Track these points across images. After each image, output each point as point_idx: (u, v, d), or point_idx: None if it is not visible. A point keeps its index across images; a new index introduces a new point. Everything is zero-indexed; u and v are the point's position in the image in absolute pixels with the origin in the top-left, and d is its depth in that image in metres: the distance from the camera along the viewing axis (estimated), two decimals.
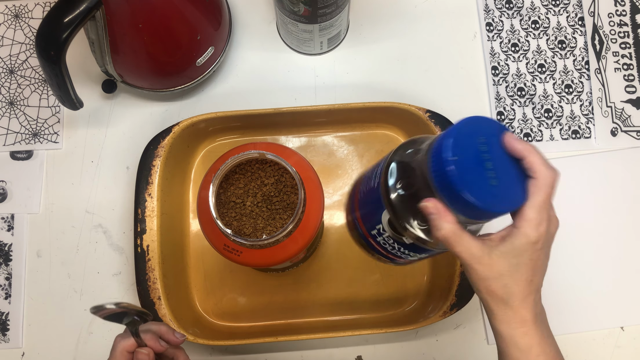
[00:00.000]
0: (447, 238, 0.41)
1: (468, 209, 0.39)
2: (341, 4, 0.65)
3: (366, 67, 0.75)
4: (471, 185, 0.38)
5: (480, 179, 0.39)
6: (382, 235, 0.47)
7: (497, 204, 0.39)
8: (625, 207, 0.72)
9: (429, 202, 0.40)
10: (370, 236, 0.49)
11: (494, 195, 0.39)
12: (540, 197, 0.40)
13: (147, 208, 0.65)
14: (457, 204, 0.39)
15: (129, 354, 0.50)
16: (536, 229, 0.41)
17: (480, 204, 0.38)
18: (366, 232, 0.49)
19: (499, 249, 0.41)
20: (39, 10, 0.77)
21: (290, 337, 0.63)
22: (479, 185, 0.38)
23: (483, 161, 0.39)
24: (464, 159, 0.38)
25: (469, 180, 0.38)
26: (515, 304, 0.42)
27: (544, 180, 0.40)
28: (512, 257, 0.41)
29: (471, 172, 0.38)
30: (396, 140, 0.72)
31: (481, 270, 0.42)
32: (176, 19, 0.63)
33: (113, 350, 0.50)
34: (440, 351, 0.68)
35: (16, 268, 0.70)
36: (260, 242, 0.52)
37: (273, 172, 0.55)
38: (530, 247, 0.41)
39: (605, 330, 0.69)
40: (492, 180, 0.39)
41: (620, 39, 0.76)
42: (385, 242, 0.48)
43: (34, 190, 0.72)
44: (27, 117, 0.74)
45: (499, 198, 0.39)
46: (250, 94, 0.74)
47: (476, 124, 0.40)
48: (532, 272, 0.42)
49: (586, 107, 0.74)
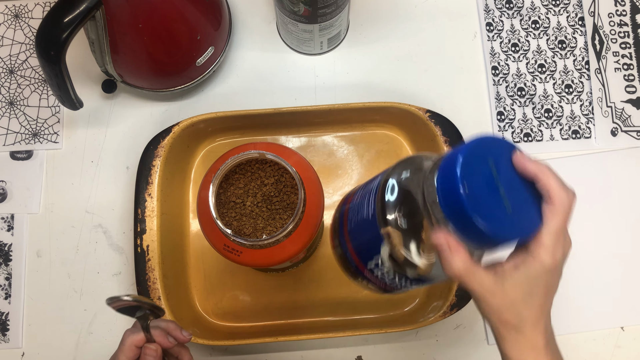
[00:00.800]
0: (460, 275, 0.38)
1: (479, 238, 0.36)
2: (341, 4, 0.65)
3: (366, 67, 0.75)
4: (484, 212, 0.35)
5: (493, 205, 0.36)
6: (380, 269, 0.43)
7: (511, 232, 0.36)
8: (625, 207, 0.72)
9: (440, 236, 0.37)
10: (366, 270, 0.44)
11: (507, 222, 0.36)
12: (557, 223, 0.38)
13: (147, 208, 0.65)
14: (468, 232, 0.36)
15: (137, 348, 0.50)
16: (552, 255, 0.38)
17: (493, 232, 0.35)
18: (361, 266, 0.45)
19: (513, 279, 0.39)
20: (39, 10, 0.76)
21: (290, 337, 0.63)
22: (491, 211, 0.35)
23: (495, 185, 0.36)
24: (475, 187, 0.35)
25: (481, 206, 0.35)
26: (527, 329, 0.40)
27: (560, 205, 0.38)
28: (527, 286, 0.39)
29: (483, 198, 0.35)
30: (396, 140, 0.72)
31: (494, 302, 0.40)
32: (176, 19, 0.63)
33: (121, 344, 0.50)
34: (440, 351, 0.68)
35: (16, 268, 0.70)
36: (260, 242, 0.52)
37: (273, 172, 0.55)
38: (545, 274, 0.39)
39: (605, 330, 0.69)
40: (507, 207, 0.36)
41: (620, 39, 0.76)
42: (384, 276, 0.44)
43: (34, 190, 0.72)
44: (27, 117, 0.74)
45: (512, 225, 0.36)
46: (250, 94, 0.74)
47: (485, 143, 0.37)
48: (545, 297, 0.40)
49: (586, 107, 0.74)
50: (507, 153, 0.38)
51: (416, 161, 0.42)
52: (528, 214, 0.38)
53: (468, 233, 0.36)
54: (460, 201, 0.34)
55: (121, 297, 0.46)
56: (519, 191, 0.38)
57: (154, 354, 0.49)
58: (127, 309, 0.48)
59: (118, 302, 0.47)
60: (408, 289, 0.45)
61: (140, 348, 0.50)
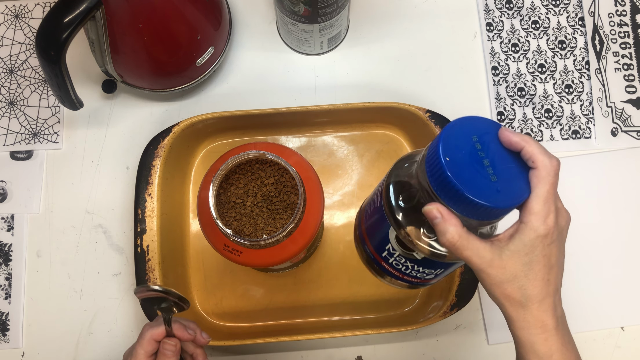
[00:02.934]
0: (453, 242, 0.39)
1: (471, 208, 0.38)
2: (341, 4, 0.65)
3: (366, 67, 0.75)
4: (469, 182, 0.37)
5: (478, 176, 0.38)
6: (393, 256, 0.46)
7: (500, 199, 0.38)
8: (625, 207, 0.72)
9: (431, 207, 0.39)
10: (381, 259, 0.48)
11: (495, 191, 0.38)
12: (544, 188, 0.39)
13: (147, 208, 0.65)
14: (459, 204, 0.38)
15: (156, 342, 0.50)
16: (544, 221, 0.39)
17: (481, 200, 0.37)
18: (377, 256, 0.48)
19: (509, 248, 0.40)
20: (39, 10, 0.76)
21: (290, 337, 0.63)
22: (477, 182, 0.38)
23: (479, 158, 0.39)
24: (458, 158, 0.38)
25: (465, 178, 0.37)
26: (533, 307, 0.40)
27: (545, 170, 0.39)
28: (524, 255, 0.40)
29: (467, 170, 0.38)
30: (396, 140, 0.72)
31: (494, 274, 0.40)
32: (176, 19, 0.63)
33: (140, 338, 0.50)
34: (440, 351, 0.68)
35: (16, 268, 0.70)
36: (260, 242, 0.52)
37: (273, 172, 0.55)
38: (540, 241, 0.39)
39: (605, 330, 0.69)
40: (491, 176, 0.38)
41: (620, 39, 0.76)
42: (398, 263, 0.47)
43: (34, 190, 0.72)
44: (27, 117, 0.74)
45: (501, 193, 0.38)
46: (250, 94, 0.74)
47: (468, 123, 0.40)
48: (547, 270, 0.40)
49: (586, 107, 0.74)
50: (494, 131, 0.41)
51: (412, 154, 0.45)
52: (518, 183, 0.40)
53: (461, 206, 0.38)
54: (442, 170, 0.37)
55: (151, 287, 0.47)
56: (508, 164, 0.40)
57: (173, 348, 0.49)
58: (151, 300, 0.49)
59: (147, 292, 0.47)
60: (424, 276, 0.47)
61: (158, 342, 0.50)
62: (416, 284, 0.50)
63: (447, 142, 0.38)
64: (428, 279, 0.48)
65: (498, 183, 0.38)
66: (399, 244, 0.45)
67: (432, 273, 0.47)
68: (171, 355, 0.49)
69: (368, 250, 0.50)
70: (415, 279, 0.48)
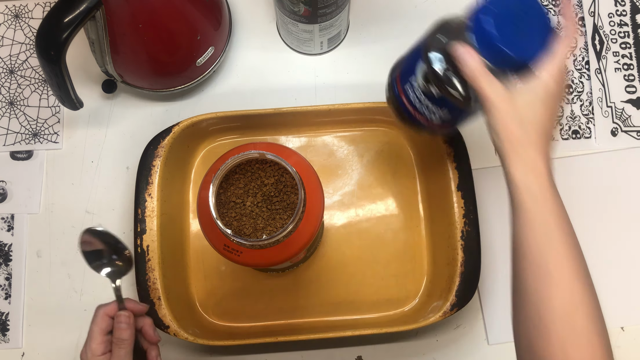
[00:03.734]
0: (472, 72, 0.44)
1: (495, 53, 0.44)
2: (341, 4, 0.65)
3: (366, 67, 0.75)
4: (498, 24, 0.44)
5: (508, 22, 0.44)
6: (413, 88, 0.53)
7: (522, 48, 0.44)
8: (625, 207, 0.72)
9: (458, 46, 0.45)
10: (403, 92, 0.55)
11: (520, 38, 0.44)
12: (563, 52, 0.45)
13: (147, 208, 0.64)
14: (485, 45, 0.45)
15: (109, 318, 0.51)
16: (555, 82, 0.44)
17: (505, 47, 0.44)
18: (400, 88, 0.55)
19: (521, 90, 0.45)
20: (39, 10, 0.77)
21: (290, 337, 0.63)
22: (506, 27, 0.44)
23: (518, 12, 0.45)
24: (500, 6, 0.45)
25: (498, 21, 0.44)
26: (530, 147, 0.44)
27: (568, 39, 0.45)
28: (531, 99, 0.44)
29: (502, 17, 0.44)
30: (396, 140, 0.72)
31: (504, 108, 0.44)
32: (176, 19, 0.63)
33: (94, 317, 0.51)
34: (440, 351, 0.68)
35: (16, 268, 0.70)
36: (260, 242, 0.52)
37: (273, 172, 0.55)
38: (548, 96, 0.44)
39: None
40: (522, 26, 0.45)
41: (620, 39, 0.76)
42: (416, 97, 0.53)
43: (34, 190, 0.72)
44: (27, 117, 0.74)
45: (524, 42, 0.45)
46: (250, 94, 0.74)
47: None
48: (547, 119, 0.45)
49: (586, 107, 0.74)
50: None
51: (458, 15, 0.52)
52: (539, 42, 0.46)
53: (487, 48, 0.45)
54: (478, 13, 0.45)
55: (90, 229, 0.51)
56: (539, 25, 0.46)
57: (127, 320, 0.50)
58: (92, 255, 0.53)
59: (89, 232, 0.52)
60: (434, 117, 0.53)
61: (112, 318, 0.51)
62: (425, 128, 0.56)
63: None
64: (435, 125, 0.55)
65: (524, 34, 0.45)
66: (423, 78, 0.51)
67: (441, 116, 0.53)
68: (126, 327, 0.50)
69: (396, 89, 0.56)
70: (426, 119, 0.54)
